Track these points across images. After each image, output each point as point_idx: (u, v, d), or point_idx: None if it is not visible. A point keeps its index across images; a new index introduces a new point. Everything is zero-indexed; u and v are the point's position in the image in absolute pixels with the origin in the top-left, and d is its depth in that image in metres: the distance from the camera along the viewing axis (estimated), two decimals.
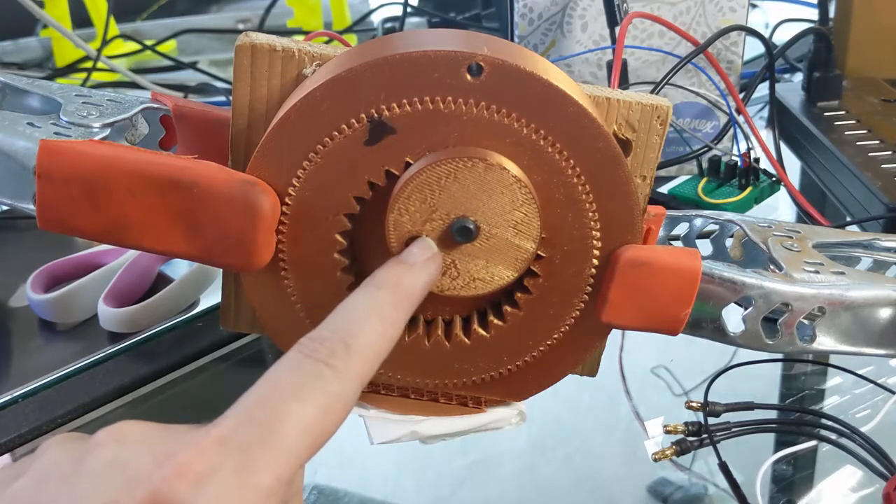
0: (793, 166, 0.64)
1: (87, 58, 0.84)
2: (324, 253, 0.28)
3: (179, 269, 0.51)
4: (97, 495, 0.19)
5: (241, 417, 0.20)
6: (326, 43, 0.30)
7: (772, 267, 0.32)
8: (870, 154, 0.58)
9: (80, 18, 0.88)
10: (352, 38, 0.93)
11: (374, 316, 0.24)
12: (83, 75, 0.82)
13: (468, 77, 0.26)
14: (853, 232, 0.37)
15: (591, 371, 0.33)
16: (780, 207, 0.59)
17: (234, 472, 0.19)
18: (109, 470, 0.20)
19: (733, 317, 0.31)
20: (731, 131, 0.60)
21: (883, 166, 0.56)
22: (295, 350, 0.22)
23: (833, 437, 0.39)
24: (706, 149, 0.60)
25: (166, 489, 0.19)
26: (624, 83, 0.59)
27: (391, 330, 0.24)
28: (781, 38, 0.77)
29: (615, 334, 0.35)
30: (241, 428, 0.20)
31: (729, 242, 0.37)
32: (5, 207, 0.46)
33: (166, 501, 0.19)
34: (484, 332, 0.30)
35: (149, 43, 0.91)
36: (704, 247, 0.37)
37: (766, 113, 0.69)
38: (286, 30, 0.92)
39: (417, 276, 0.26)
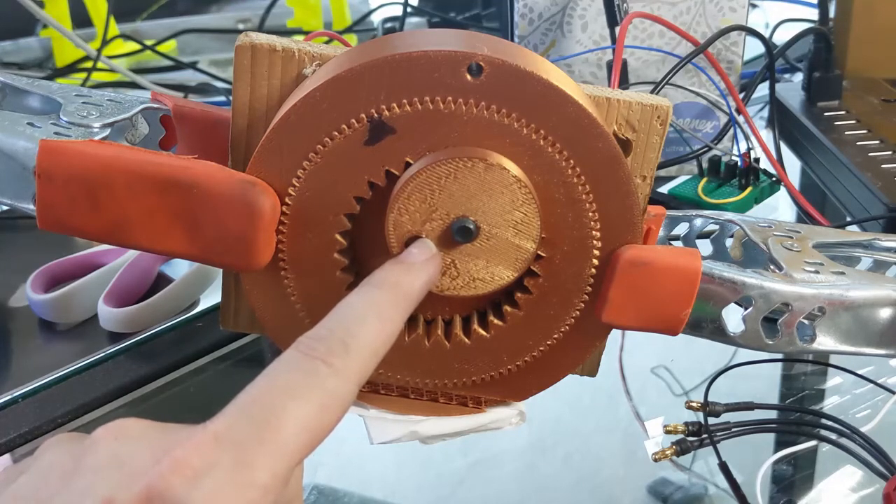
0: (793, 166, 0.64)
1: (87, 58, 0.84)
2: (324, 253, 0.28)
3: (179, 269, 0.51)
4: (94, 491, 0.20)
5: (238, 414, 0.20)
6: (326, 43, 0.30)
7: (772, 267, 0.32)
8: (870, 154, 0.58)
9: (80, 18, 0.88)
10: (352, 38, 0.93)
11: (372, 315, 0.24)
12: (83, 75, 0.82)
13: (468, 77, 0.26)
14: (853, 232, 0.37)
15: (591, 371, 0.33)
16: (780, 207, 0.59)
17: (231, 469, 0.19)
18: (107, 466, 0.20)
19: (733, 317, 0.31)
20: (731, 131, 0.60)
21: (883, 166, 0.56)
22: (293, 348, 0.22)
23: (833, 437, 0.39)
24: (706, 149, 0.60)
25: (162, 484, 0.19)
26: (624, 83, 0.59)
27: (389, 329, 0.24)
28: (781, 38, 0.77)
29: (615, 334, 0.35)
30: (238, 425, 0.20)
31: (729, 242, 0.37)
32: (5, 207, 0.46)
33: (162, 497, 0.19)
34: (484, 332, 0.30)
35: (149, 43, 0.91)
36: (704, 247, 0.37)
37: (766, 113, 0.69)
38: (286, 30, 0.92)
39: (416, 276, 0.26)
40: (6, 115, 0.32)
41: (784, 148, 0.63)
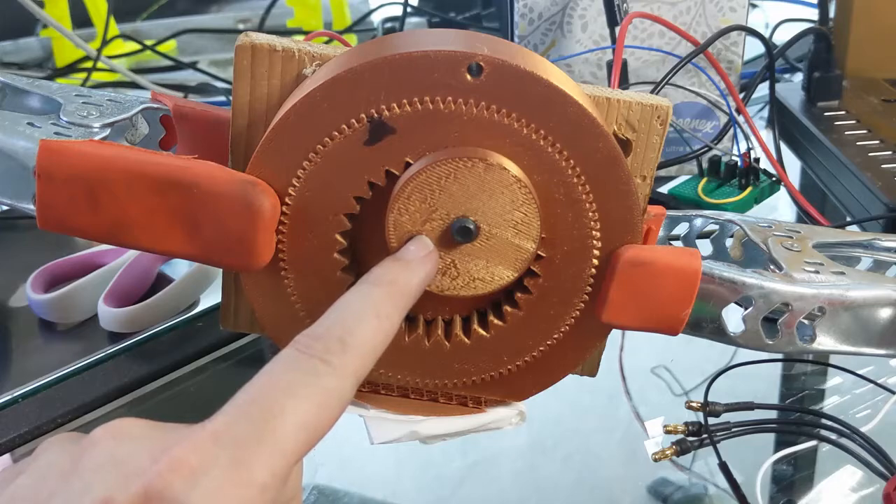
0: (793, 166, 0.64)
1: (87, 58, 0.84)
2: (324, 253, 0.28)
3: (179, 269, 0.51)
4: (93, 491, 0.20)
5: (236, 413, 0.20)
6: (326, 43, 0.30)
7: (772, 267, 0.32)
8: (870, 154, 0.58)
9: (80, 18, 0.88)
10: (352, 38, 0.93)
11: (369, 313, 0.24)
12: (83, 75, 0.82)
13: (468, 77, 0.26)
14: (853, 232, 0.37)
15: (591, 371, 0.33)
16: (780, 207, 0.59)
17: (229, 467, 0.19)
18: (106, 466, 0.20)
19: (733, 317, 0.31)
20: (731, 131, 0.60)
21: (883, 166, 0.56)
22: (291, 347, 0.22)
23: (833, 437, 0.39)
24: (706, 149, 0.60)
25: (160, 483, 0.19)
26: (624, 83, 0.59)
27: (387, 326, 0.24)
28: (781, 38, 0.77)
29: (615, 334, 0.35)
30: (237, 423, 0.20)
31: (729, 242, 0.37)
32: (5, 207, 0.46)
33: (160, 496, 0.19)
34: (484, 332, 0.30)
35: (149, 43, 0.91)
36: (704, 247, 0.37)
37: (766, 113, 0.69)
38: (286, 30, 0.92)
39: (414, 273, 0.26)
40: (6, 115, 0.32)
41: (784, 148, 0.63)
